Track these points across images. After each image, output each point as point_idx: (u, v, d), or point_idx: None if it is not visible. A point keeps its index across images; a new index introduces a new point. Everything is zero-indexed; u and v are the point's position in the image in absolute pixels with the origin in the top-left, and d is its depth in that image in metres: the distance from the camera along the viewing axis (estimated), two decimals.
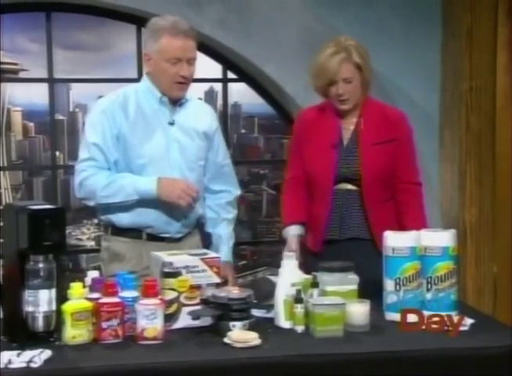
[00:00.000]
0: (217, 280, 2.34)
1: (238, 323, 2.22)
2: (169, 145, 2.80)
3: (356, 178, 2.83)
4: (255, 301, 2.34)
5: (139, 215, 2.77)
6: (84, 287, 2.24)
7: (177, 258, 2.34)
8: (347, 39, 2.87)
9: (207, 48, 4.13)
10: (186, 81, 2.79)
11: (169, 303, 2.27)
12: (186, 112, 2.86)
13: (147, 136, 2.78)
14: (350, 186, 2.85)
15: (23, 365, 1.95)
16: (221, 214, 2.98)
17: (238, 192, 3.05)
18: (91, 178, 2.75)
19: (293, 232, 2.88)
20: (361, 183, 2.83)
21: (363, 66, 2.82)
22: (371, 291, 2.39)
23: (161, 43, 2.74)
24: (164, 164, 2.79)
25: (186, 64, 2.76)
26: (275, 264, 2.40)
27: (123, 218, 2.80)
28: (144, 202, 2.74)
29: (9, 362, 1.95)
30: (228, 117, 4.54)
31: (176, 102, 2.83)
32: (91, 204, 2.82)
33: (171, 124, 2.82)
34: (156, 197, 2.71)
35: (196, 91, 2.93)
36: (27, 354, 1.99)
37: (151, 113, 2.81)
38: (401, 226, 2.74)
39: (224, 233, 2.97)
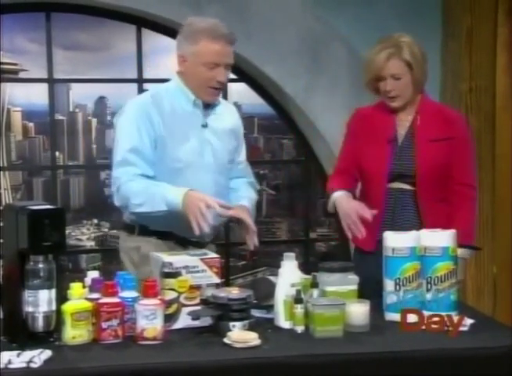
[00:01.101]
0: (217, 280, 2.34)
1: (238, 324, 2.22)
2: (203, 148, 2.74)
3: (410, 174, 2.79)
4: (255, 301, 2.35)
5: (170, 220, 2.64)
6: (83, 287, 2.24)
7: (177, 258, 2.34)
8: (401, 36, 2.81)
9: None
10: (221, 86, 2.73)
11: (169, 303, 2.27)
12: (217, 114, 2.80)
13: (183, 139, 2.70)
14: (403, 185, 2.81)
15: (23, 365, 1.95)
16: (241, 189, 2.88)
17: (255, 181, 2.97)
18: (127, 185, 2.62)
19: (338, 193, 2.81)
20: (415, 181, 2.80)
21: (414, 64, 2.76)
22: None
23: (199, 46, 2.65)
24: (198, 167, 2.72)
25: (223, 69, 2.69)
26: (274, 264, 2.40)
27: (153, 224, 2.71)
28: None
29: (9, 362, 1.95)
30: None
31: (209, 104, 2.77)
32: (128, 213, 2.71)
33: (204, 126, 2.75)
34: (181, 210, 2.52)
35: None
36: (27, 354, 1.99)
37: (185, 115, 2.73)
38: (449, 227, 2.60)
39: (244, 192, 2.86)
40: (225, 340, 2.14)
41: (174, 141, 2.69)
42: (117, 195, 2.68)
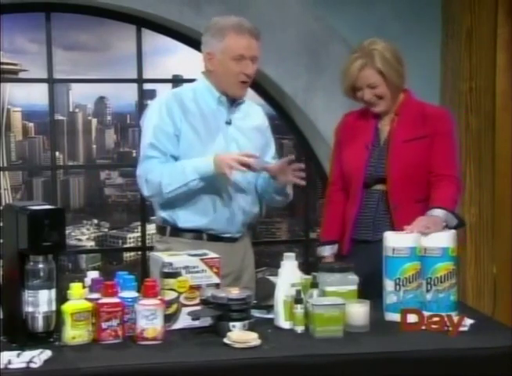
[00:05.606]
0: (217, 280, 2.34)
1: (238, 324, 2.22)
2: (228, 145, 2.80)
3: (384, 177, 2.79)
4: (255, 301, 2.34)
5: (201, 216, 2.75)
6: (83, 287, 2.24)
7: (177, 258, 2.34)
8: (372, 43, 2.81)
9: None
10: (249, 79, 2.80)
11: (169, 303, 2.27)
12: (241, 112, 2.87)
13: (208, 136, 2.77)
14: (382, 187, 2.81)
15: (23, 365, 1.95)
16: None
17: None
18: (154, 172, 2.71)
19: (324, 252, 2.92)
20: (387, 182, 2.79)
21: (386, 71, 2.76)
22: None
23: (226, 41, 2.75)
24: None
25: (250, 62, 2.77)
26: (274, 264, 2.40)
27: (183, 218, 2.77)
28: (205, 201, 2.73)
29: (9, 362, 1.95)
30: None
31: (233, 102, 2.84)
32: (159, 199, 2.78)
33: (228, 123, 2.82)
34: (214, 172, 2.65)
35: None
36: (27, 354, 1.99)
37: (209, 112, 2.80)
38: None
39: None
40: (225, 340, 2.14)
41: (200, 139, 2.76)
42: (147, 185, 2.74)
